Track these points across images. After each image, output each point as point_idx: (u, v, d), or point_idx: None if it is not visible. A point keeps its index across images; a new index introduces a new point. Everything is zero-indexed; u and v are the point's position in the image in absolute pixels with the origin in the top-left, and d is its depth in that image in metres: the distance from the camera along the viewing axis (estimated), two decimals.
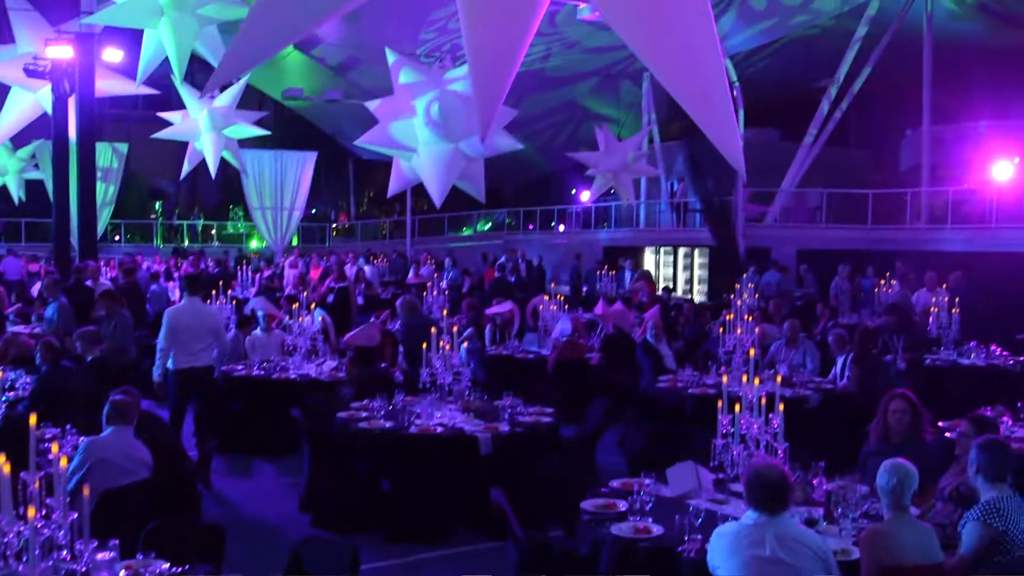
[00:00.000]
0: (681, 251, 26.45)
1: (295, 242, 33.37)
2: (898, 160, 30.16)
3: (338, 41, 27.49)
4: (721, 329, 10.90)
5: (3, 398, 8.53)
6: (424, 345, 8.57)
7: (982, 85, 27.42)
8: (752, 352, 6.08)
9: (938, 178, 25.78)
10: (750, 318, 11.25)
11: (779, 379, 6.33)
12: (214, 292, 14.29)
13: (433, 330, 8.72)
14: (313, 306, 12.97)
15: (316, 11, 3.95)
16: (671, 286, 25.45)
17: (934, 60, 24.32)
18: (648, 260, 27.30)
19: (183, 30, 13.89)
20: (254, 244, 34.76)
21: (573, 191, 35.10)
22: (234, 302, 14.61)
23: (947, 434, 7.31)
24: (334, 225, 40.43)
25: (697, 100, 4.30)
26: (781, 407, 5.78)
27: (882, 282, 16.80)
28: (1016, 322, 15.25)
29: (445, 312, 13.30)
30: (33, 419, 4.03)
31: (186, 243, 34.82)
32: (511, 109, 14.25)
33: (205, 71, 17.99)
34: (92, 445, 6.24)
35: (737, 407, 5.83)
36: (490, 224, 36.84)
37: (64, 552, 4.12)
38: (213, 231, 37.72)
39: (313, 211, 38.61)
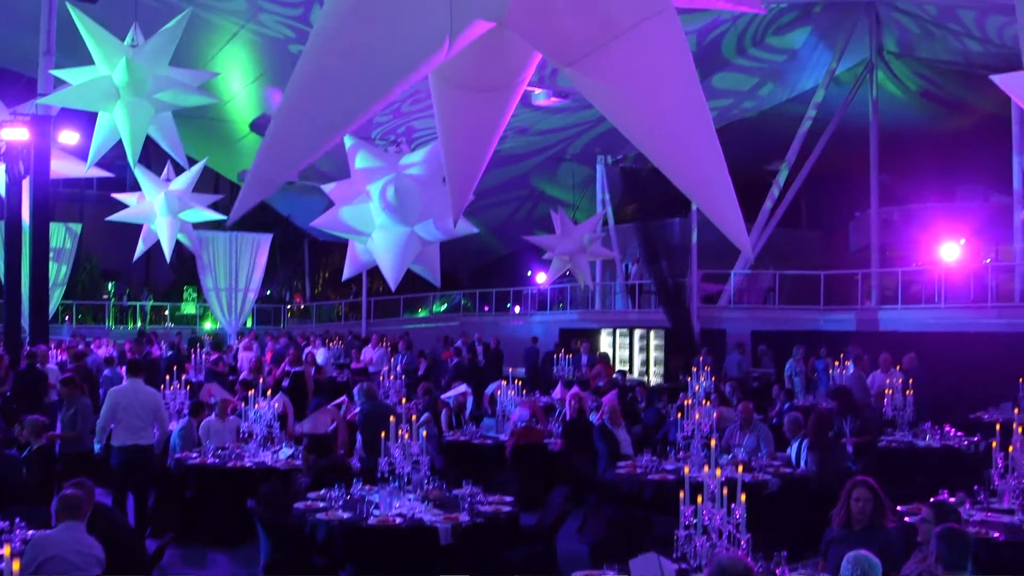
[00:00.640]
0: (637, 333, 26.55)
1: (249, 324, 33.11)
2: (848, 241, 30.67)
3: None
4: (679, 414, 10.91)
5: None
6: (383, 433, 8.50)
7: (928, 168, 28.13)
8: (713, 442, 6.08)
9: (887, 259, 26.22)
10: (707, 402, 11.27)
11: (740, 468, 6.32)
12: (167, 377, 14.09)
13: (392, 418, 8.65)
14: (268, 393, 12.83)
15: (338, 121, 3.98)
16: (627, 368, 25.51)
17: (881, 144, 24.87)
18: (604, 342, 27.38)
19: (138, 114, 13.87)
20: (208, 326, 34.45)
21: (529, 273, 35.25)
22: (188, 387, 14.40)
23: (907, 519, 7.33)
24: (289, 307, 40.22)
25: (699, 188, 4.43)
26: (743, 497, 5.77)
27: (836, 363, 16.94)
28: (967, 402, 15.46)
29: (403, 400, 13.21)
30: None
31: (139, 324, 34.43)
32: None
33: (159, 154, 17.93)
34: (41, 542, 6.07)
35: (699, 498, 5.81)
36: (446, 306, 36.82)
37: None
38: (166, 312, 37.37)
39: (268, 292, 38.41)
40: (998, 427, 8.99)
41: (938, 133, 28.10)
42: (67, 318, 33.13)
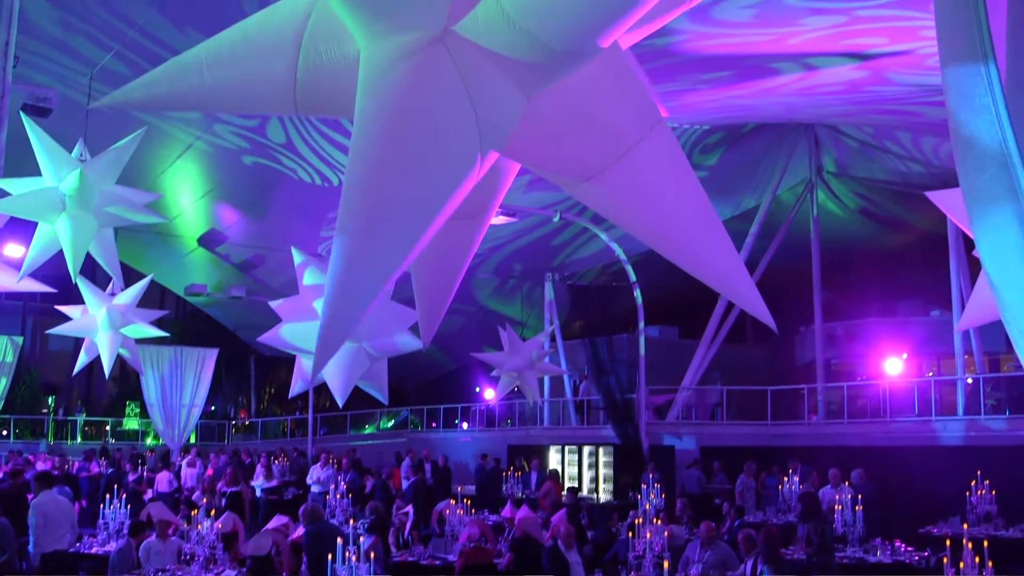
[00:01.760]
0: (586, 449, 26.39)
1: (193, 439, 32.52)
2: (794, 356, 30.97)
3: (243, 239, 27.66)
4: (630, 532, 10.80)
5: None
6: (330, 556, 8.30)
7: (870, 284, 28.73)
8: (666, 564, 6.02)
9: (833, 373, 26.53)
10: (657, 521, 11.18)
11: None
12: (108, 495, 13.74)
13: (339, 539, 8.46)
14: (212, 513, 12.53)
15: (392, 262, 4.11)
16: (577, 485, 25.28)
17: (823, 260, 25.35)
18: (553, 459, 27.15)
19: (81, 227, 13.75)
20: (150, 441, 33.79)
21: (477, 388, 35.12)
22: (129, 506, 14.03)
23: None
24: (234, 422, 39.62)
25: (720, 279, 4.80)
26: None
27: (784, 479, 16.96)
28: (916, 516, 15.50)
29: (351, 520, 12.96)
30: None
31: (79, 440, 33.65)
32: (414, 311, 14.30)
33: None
34: None
35: None
36: (393, 422, 36.46)
37: None
38: (108, 427, 36.59)
39: (212, 408, 37.84)
40: (948, 542, 8.99)
41: (879, 250, 28.80)
42: (4, 432, 32.40)
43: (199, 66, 4.58)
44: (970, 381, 21.45)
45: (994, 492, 15.16)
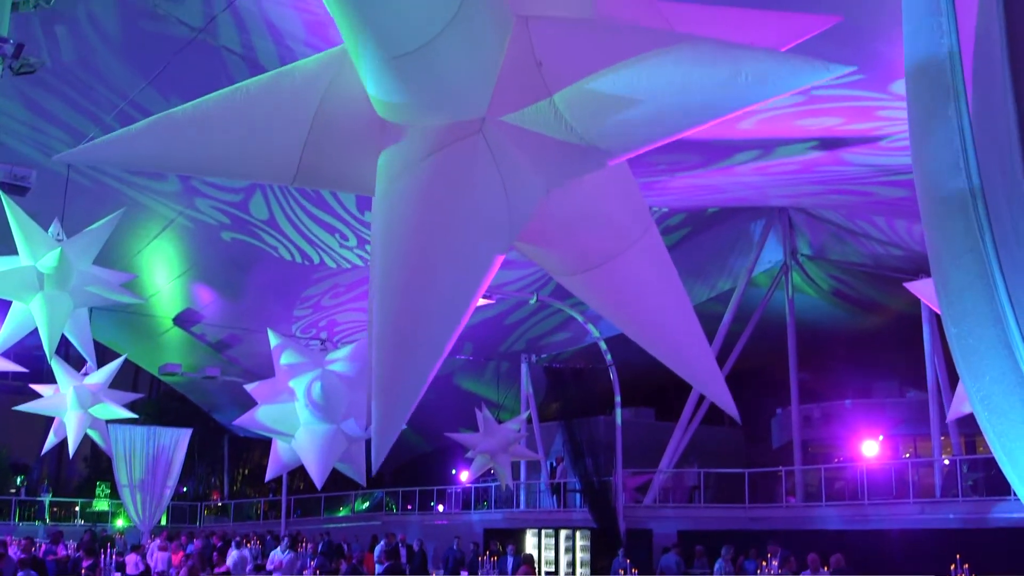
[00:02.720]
0: (563, 533, 26.11)
1: (164, 521, 31.97)
2: (771, 438, 30.89)
3: (218, 319, 27.55)
4: None
5: None
6: None
7: (846, 365, 28.82)
8: None
9: (810, 455, 26.44)
10: None
11: None
12: None
13: None
14: None
15: (434, 350, 4.21)
16: (554, 570, 24.96)
17: (799, 342, 25.40)
18: (529, 543, 26.84)
19: (57, 306, 13.67)
20: (120, 523, 33.19)
21: (453, 471, 34.80)
22: None
23: None
24: (206, 504, 39.00)
25: (690, 369, 5.01)
26: None
27: (763, 563, 16.78)
28: None
29: None
30: None
31: (48, 521, 33.01)
32: None
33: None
34: None
35: None
36: (368, 504, 35.98)
37: None
38: (77, 508, 35.93)
39: (184, 490, 37.29)
40: None
41: (853, 332, 28.97)
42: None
43: (190, 124, 4.35)
44: (947, 463, 21.42)
45: None
